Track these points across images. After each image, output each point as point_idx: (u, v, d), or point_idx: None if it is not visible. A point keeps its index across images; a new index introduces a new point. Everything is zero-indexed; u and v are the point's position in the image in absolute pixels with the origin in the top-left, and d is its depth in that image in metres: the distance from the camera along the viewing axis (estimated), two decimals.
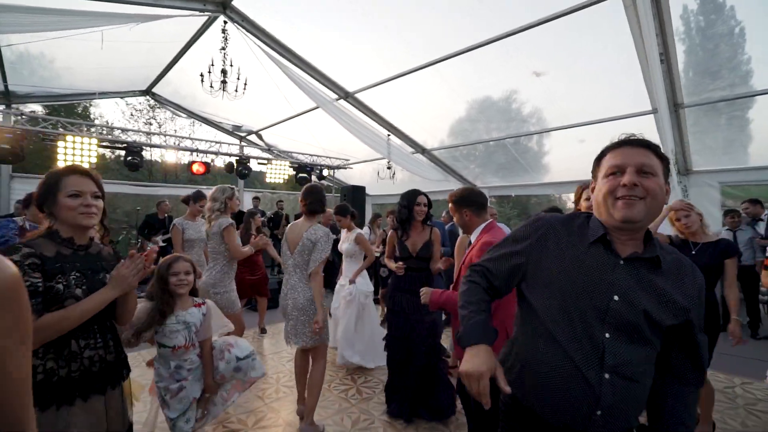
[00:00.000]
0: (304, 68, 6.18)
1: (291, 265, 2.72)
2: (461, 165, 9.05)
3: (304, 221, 2.75)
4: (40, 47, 6.03)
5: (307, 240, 2.64)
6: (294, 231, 2.75)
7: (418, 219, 2.85)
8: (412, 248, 2.88)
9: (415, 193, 2.91)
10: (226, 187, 3.14)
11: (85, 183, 1.39)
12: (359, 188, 7.81)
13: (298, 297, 2.65)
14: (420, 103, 7.09)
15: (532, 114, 6.64)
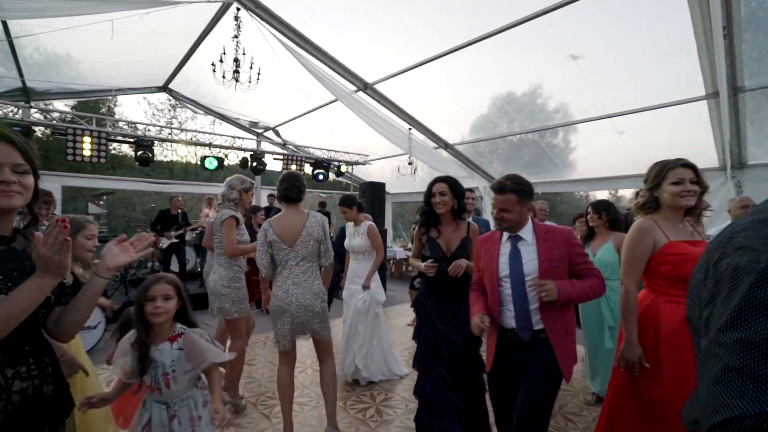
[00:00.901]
0: (321, 58, 5.87)
1: (292, 258, 2.42)
2: (486, 161, 8.62)
3: (290, 211, 2.50)
4: (53, 42, 5.94)
5: (311, 229, 2.43)
6: (287, 222, 2.47)
7: (438, 211, 2.39)
8: (446, 247, 2.39)
9: (432, 182, 2.44)
10: (245, 179, 2.85)
11: (4, 152, 1.01)
12: (378, 185, 7.46)
13: (304, 293, 2.40)
14: (443, 94, 6.71)
15: (558, 109, 6.28)
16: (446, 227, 2.44)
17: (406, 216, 12.20)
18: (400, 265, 9.54)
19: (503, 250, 1.89)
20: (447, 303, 2.36)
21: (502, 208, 1.82)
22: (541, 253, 1.80)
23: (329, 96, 7.12)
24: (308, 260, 2.42)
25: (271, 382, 3.37)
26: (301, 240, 2.40)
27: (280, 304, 2.39)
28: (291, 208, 2.49)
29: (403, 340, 4.62)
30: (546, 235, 1.84)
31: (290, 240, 2.41)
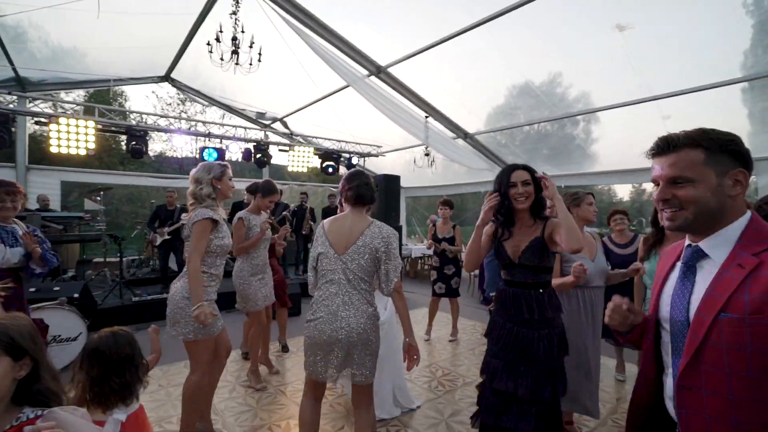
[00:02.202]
0: (330, 38, 5.34)
1: (340, 272, 1.91)
2: (507, 151, 8.02)
3: (353, 214, 2.01)
4: (41, 28, 5.54)
5: (370, 239, 1.92)
6: (341, 225, 2.00)
7: (519, 207, 1.86)
8: (512, 252, 1.88)
9: (509, 169, 1.91)
10: (213, 164, 2.30)
11: None
12: (393, 178, 6.90)
13: (357, 320, 1.85)
14: (462, 78, 6.17)
15: (579, 99, 5.81)
16: (520, 227, 1.90)
17: (420, 211, 11.64)
18: (416, 264, 8.99)
19: (673, 273, 1.07)
20: (516, 326, 1.83)
21: (673, 177, 0.95)
22: (723, 286, 0.89)
23: (339, 82, 6.65)
24: (361, 277, 1.91)
25: (268, 411, 2.86)
26: (354, 250, 1.91)
27: (325, 329, 1.84)
28: (356, 211, 2.01)
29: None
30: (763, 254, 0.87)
31: (341, 246, 1.93)
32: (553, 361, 1.81)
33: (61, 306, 3.39)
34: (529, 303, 1.83)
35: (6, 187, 2.45)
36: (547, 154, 7.55)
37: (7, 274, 2.39)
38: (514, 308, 1.85)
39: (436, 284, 4.49)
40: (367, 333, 1.86)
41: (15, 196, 2.48)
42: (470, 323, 5.11)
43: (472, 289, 6.94)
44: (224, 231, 2.29)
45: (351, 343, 1.84)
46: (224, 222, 2.32)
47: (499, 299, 1.96)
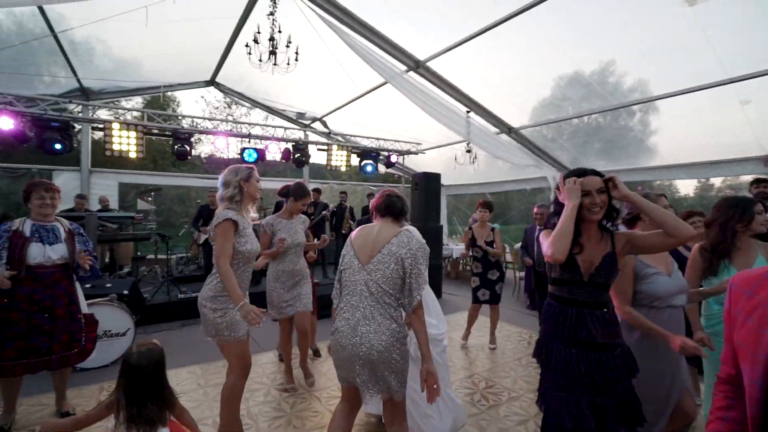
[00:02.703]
0: (366, 34, 5.23)
1: (362, 281, 1.78)
2: (555, 146, 7.55)
3: (383, 224, 1.92)
4: (100, 37, 5.89)
5: (396, 248, 1.78)
6: (368, 233, 1.90)
7: (594, 218, 1.60)
8: (585, 268, 1.62)
9: (577, 174, 1.66)
10: (240, 167, 2.25)
11: None
12: (433, 176, 6.68)
13: (378, 336, 1.69)
14: (505, 70, 5.86)
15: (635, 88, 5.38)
16: (589, 240, 1.66)
17: (462, 210, 11.29)
18: (457, 265, 8.70)
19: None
20: (584, 350, 1.58)
21: None
22: None
23: (377, 79, 6.55)
24: (385, 290, 1.75)
25: (302, 418, 2.79)
26: (379, 259, 1.77)
27: (346, 344, 1.72)
28: (386, 221, 1.93)
29: (459, 369, 3.76)
30: None
31: (365, 255, 1.81)
32: (625, 386, 1.56)
33: (111, 302, 3.53)
34: (594, 324, 1.58)
35: (44, 185, 2.53)
36: (599, 147, 7.09)
37: (52, 271, 2.48)
38: (577, 330, 1.60)
39: (479, 291, 4.21)
40: (389, 351, 1.68)
41: (54, 193, 2.54)
42: (516, 330, 4.79)
43: (517, 293, 6.57)
44: (248, 235, 2.21)
45: (372, 361, 1.68)
46: (249, 226, 2.26)
47: (550, 320, 1.70)
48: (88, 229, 4.62)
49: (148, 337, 1.76)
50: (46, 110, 4.62)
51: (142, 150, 5.09)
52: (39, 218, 2.51)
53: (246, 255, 2.20)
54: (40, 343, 2.39)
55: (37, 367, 2.40)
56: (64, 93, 6.83)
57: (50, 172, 7.17)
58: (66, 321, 2.51)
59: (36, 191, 2.48)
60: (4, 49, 5.03)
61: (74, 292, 2.61)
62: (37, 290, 2.40)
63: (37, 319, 2.39)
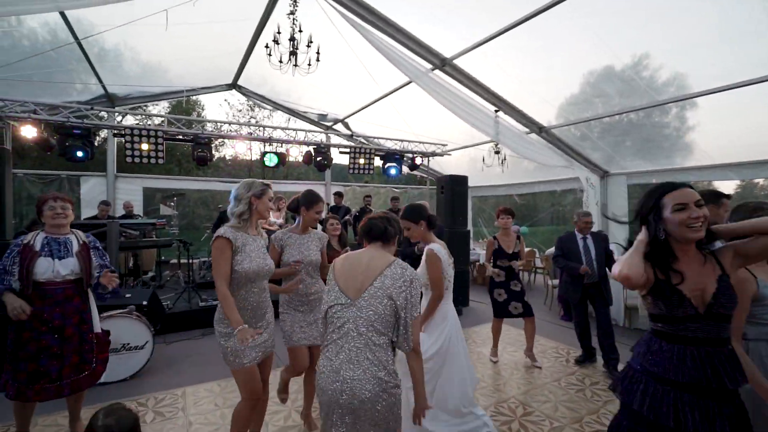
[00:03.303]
0: (390, 31, 5.00)
1: (352, 319, 1.55)
2: (588, 145, 7.13)
3: (371, 249, 1.74)
4: (129, 44, 5.90)
5: (391, 281, 1.58)
6: (355, 263, 1.67)
7: (695, 236, 1.32)
8: (698, 299, 1.32)
9: (668, 187, 1.37)
10: (254, 181, 2.08)
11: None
12: (460, 179, 6.37)
13: (362, 384, 1.47)
14: (535, 67, 5.54)
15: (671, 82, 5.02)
16: (689, 264, 1.36)
17: (487, 212, 10.91)
18: (484, 270, 8.34)
19: None
20: (708, 405, 1.27)
21: None
22: None
23: (401, 78, 6.34)
24: (377, 329, 1.54)
25: None
26: (370, 293, 1.56)
27: (326, 388, 1.52)
28: (374, 246, 1.74)
29: (492, 391, 3.44)
30: None
31: (353, 289, 1.60)
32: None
33: (129, 314, 3.44)
34: (720, 366, 1.27)
35: (54, 195, 2.41)
36: (630, 146, 6.72)
37: (62, 287, 2.35)
38: (695, 372, 1.28)
39: (509, 304, 3.91)
40: (373, 402, 1.46)
41: (64, 203, 2.42)
42: (551, 345, 4.45)
43: (549, 302, 6.20)
44: (247, 253, 2.03)
45: (353, 410, 1.47)
46: (253, 242, 2.09)
47: (659, 362, 1.36)
48: (109, 236, 4.59)
49: (122, 402, 1.55)
50: (69, 117, 4.61)
51: (162, 156, 5.03)
52: (53, 230, 2.39)
53: (244, 275, 2.01)
54: (50, 366, 2.27)
55: (48, 395, 2.27)
56: (91, 100, 6.91)
57: (78, 178, 7.29)
58: (75, 341, 2.38)
59: (47, 202, 2.37)
60: (33, 56, 5.06)
61: (86, 309, 2.48)
62: (46, 308, 2.28)
63: (46, 340, 2.27)
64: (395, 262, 1.63)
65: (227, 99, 16.04)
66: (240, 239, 2.02)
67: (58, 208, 2.39)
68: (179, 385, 3.28)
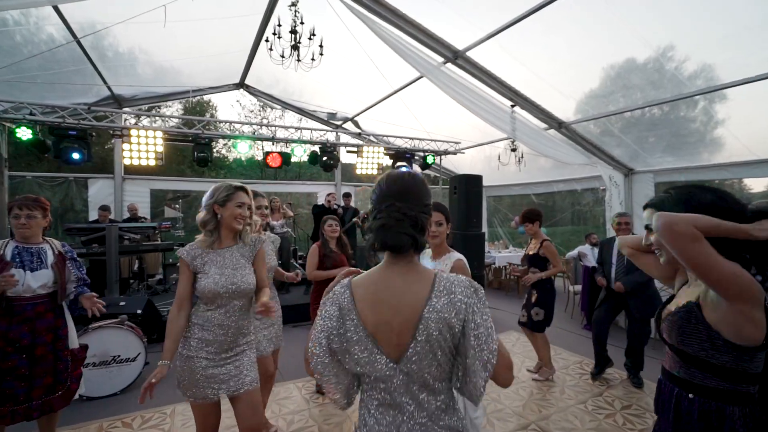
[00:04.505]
0: (399, 23, 4.73)
1: (395, 385, 0.95)
2: (612, 142, 6.73)
3: (393, 270, 0.97)
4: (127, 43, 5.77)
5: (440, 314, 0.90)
6: (380, 299, 0.95)
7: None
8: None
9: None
10: (220, 186, 1.81)
11: None
12: (474, 178, 6.02)
13: None
14: (554, 59, 5.23)
15: (698, 74, 4.73)
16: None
17: (502, 212, 10.50)
18: (500, 273, 7.98)
19: None
20: None
21: None
22: None
23: (411, 74, 6.07)
24: (432, 388, 0.95)
25: None
26: (419, 350, 0.91)
27: None
28: (398, 262, 0.98)
29: (510, 414, 3.14)
30: None
31: (392, 342, 0.93)
32: None
33: (120, 325, 3.24)
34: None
35: (19, 201, 2.15)
36: (654, 142, 6.36)
37: (33, 303, 2.12)
38: None
39: (522, 309, 3.61)
40: None
41: (31, 210, 2.15)
42: (575, 360, 4.07)
43: (571, 309, 5.81)
44: (206, 272, 1.75)
45: None
46: (220, 258, 1.80)
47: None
48: (109, 240, 4.44)
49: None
50: (65, 118, 4.47)
51: (161, 157, 4.85)
52: (21, 240, 2.18)
53: (203, 293, 1.73)
54: (17, 389, 2.06)
55: (16, 418, 2.06)
56: (98, 101, 6.83)
57: (86, 180, 7.23)
58: (49, 361, 2.17)
59: (12, 210, 2.13)
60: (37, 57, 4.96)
61: (61, 325, 2.25)
62: (13, 327, 2.06)
63: (12, 361, 2.05)
64: (437, 278, 0.95)
65: (239, 100, 16.02)
66: (201, 258, 1.75)
67: (22, 218, 2.12)
68: (170, 402, 3.06)
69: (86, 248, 4.58)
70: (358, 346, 0.93)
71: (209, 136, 5.15)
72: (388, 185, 0.98)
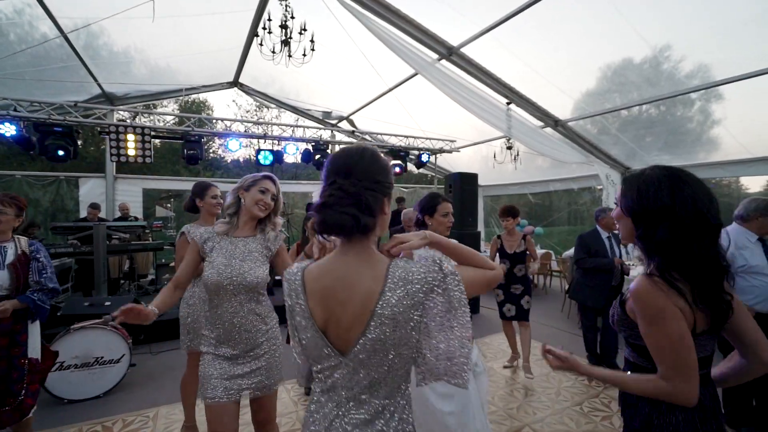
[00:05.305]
0: (392, 18, 4.67)
1: (345, 380, 0.87)
2: (609, 141, 6.70)
3: (347, 256, 0.88)
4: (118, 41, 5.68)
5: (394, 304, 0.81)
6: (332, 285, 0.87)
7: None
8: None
9: None
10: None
11: None
12: (469, 176, 5.95)
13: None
14: (549, 56, 5.19)
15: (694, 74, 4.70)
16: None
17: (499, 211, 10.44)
18: None
19: None
20: None
21: None
22: None
23: (405, 71, 6.00)
24: (377, 388, 0.86)
25: None
26: (369, 341, 0.82)
27: None
28: (349, 250, 0.89)
29: (504, 417, 2.97)
30: None
31: (341, 337, 0.86)
32: None
33: (103, 325, 3.16)
34: None
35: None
36: (651, 141, 6.38)
37: None
38: None
39: (504, 306, 3.65)
40: None
41: (5, 206, 2.07)
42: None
43: (567, 309, 5.74)
44: (213, 257, 1.65)
45: None
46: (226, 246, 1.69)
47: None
48: (96, 239, 4.34)
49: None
50: (50, 114, 4.38)
51: (150, 155, 4.76)
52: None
53: (207, 286, 1.65)
54: None
55: None
56: (88, 99, 6.74)
57: (77, 179, 7.14)
58: (2, 368, 2.03)
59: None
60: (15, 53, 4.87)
61: (20, 330, 2.11)
62: None
63: None
64: (393, 264, 0.85)
65: (234, 100, 15.95)
66: (211, 242, 1.69)
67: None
68: (155, 404, 2.97)
69: (72, 247, 4.49)
70: (305, 333, 0.89)
71: (199, 133, 5.06)
72: (333, 161, 0.90)
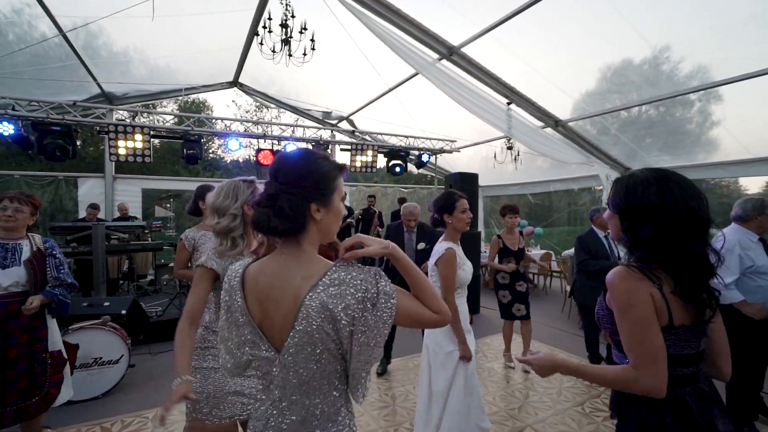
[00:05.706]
0: (393, 18, 4.67)
1: (279, 377, 0.87)
2: (609, 141, 6.70)
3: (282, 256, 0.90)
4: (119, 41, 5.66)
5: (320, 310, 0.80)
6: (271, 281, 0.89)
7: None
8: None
9: None
10: (237, 185, 1.57)
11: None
12: (469, 176, 5.94)
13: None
14: (550, 56, 5.19)
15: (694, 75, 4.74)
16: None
17: (499, 212, 10.43)
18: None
19: None
20: None
21: None
22: None
23: (406, 71, 5.99)
24: (308, 388, 0.86)
25: None
26: (296, 341, 0.82)
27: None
28: (284, 250, 0.90)
29: (505, 418, 2.97)
30: None
31: (274, 336, 0.88)
32: None
33: (102, 326, 3.14)
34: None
35: (9, 195, 2.09)
36: (650, 142, 6.38)
37: (4, 301, 2.01)
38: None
39: (513, 306, 3.71)
40: None
41: (22, 204, 2.09)
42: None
43: (568, 309, 5.73)
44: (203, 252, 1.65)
45: None
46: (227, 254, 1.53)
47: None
48: (95, 239, 4.33)
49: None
50: (49, 114, 4.36)
51: (149, 155, 4.74)
52: (2, 234, 2.09)
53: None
54: None
55: None
56: (87, 99, 6.72)
57: (75, 179, 7.11)
58: (24, 364, 2.06)
59: (3, 200, 2.06)
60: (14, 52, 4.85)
61: (40, 326, 2.15)
62: None
63: None
64: (332, 269, 0.84)
65: (234, 100, 15.94)
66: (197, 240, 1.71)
67: (9, 210, 2.06)
68: (154, 405, 2.95)
69: (71, 247, 4.47)
70: (243, 329, 0.92)
71: (198, 132, 5.04)
72: (270, 165, 0.93)
